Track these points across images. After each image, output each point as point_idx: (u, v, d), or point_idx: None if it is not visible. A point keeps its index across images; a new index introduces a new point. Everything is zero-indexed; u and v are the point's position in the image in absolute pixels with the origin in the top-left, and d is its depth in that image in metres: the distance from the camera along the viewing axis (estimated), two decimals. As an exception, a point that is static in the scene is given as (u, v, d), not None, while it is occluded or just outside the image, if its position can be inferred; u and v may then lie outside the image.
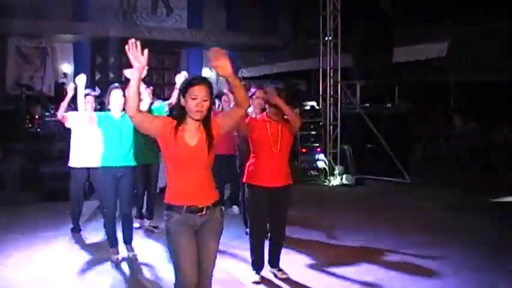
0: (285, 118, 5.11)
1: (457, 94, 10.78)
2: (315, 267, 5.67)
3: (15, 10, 13.87)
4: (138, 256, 5.91)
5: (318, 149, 11.62)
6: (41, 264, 5.79)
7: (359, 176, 11.06)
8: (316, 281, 5.24)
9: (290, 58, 16.53)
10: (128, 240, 5.99)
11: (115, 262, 5.76)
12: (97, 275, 5.47)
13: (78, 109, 6.19)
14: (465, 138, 12.74)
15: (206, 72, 19.14)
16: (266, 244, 5.29)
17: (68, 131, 6.87)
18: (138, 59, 3.23)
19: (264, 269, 5.31)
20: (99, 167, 5.79)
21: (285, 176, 5.14)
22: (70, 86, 6.52)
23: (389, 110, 11.88)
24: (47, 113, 12.31)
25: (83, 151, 6.57)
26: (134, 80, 3.29)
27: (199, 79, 3.44)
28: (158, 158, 6.76)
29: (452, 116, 11.62)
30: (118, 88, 5.78)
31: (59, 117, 6.59)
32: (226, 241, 6.40)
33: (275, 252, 5.35)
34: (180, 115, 3.43)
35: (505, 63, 11.62)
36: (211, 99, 3.41)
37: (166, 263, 5.28)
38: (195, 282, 3.41)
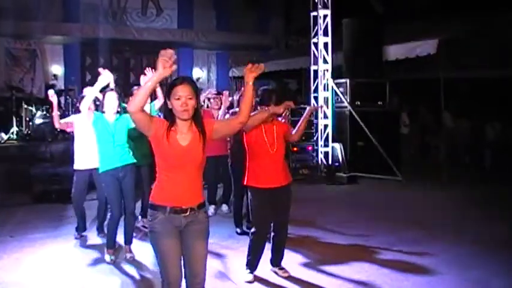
0: (280, 120, 5.14)
1: (447, 92, 10.79)
2: (308, 265, 5.66)
3: (4, 11, 13.82)
4: (136, 257, 5.86)
5: (309, 148, 11.63)
6: (31, 266, 5.74)
7: (351, 174, 11.07)
8: (309, 279, 5.23)
9: (281, 57, 16.52)
10: (129, 240, 5.96)
11: (110, 263, 5.73)
12: (89, 277, 5.43)
13: (79, 111, 6.22)
14: (456, 135, 12.77)
15: (197, 72, 19.17)
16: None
17: (60, 132, 6.81)
18: (168, 67, 3.17)
19: (263, 267, 5.30)
20: (100, 172, 5.76)
21: (285, 176, 5.15)
22: (50, 94, 6.51)
23: (380, 108, 11.89)
24: (38, 115, 12.23)
25: (86, 153, 6.51)
26: (152, 83, 3.23)
27: (181, 79, 3.42)
28: (149, 160, 6.71)
29: (442, 114, 11.63)
30: (112, 91, 5.75)
31: (57, 126, 6.55)
32: (217, 241, 6.43)
33: (279, 251, 5.35)
34: (170, 118, 3.41)
35: (495, 61, 11.67)
36: (197, 97, 3.39)
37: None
38: (180, 280, 3.43)
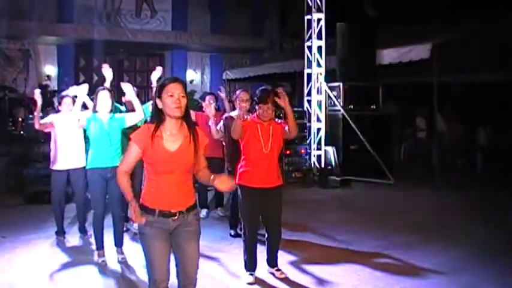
0: (277, 121, 5.18)
1: (441, 95, 10.85)
2: (301, 267, 5.68)
3: (-3, 11, 13.77)
4: (128, 259, 5.86)
5: (302, 151, 11.66)
6: (23, 267, 5.73)
7: (343, 178, 11.10)
8: (302, 281, 5.25)
9: (275, 60, 16.54)
10: (119, 243, 5.95)
11: (100, 264, 5.73)
12: (81, 278, 5.42)
13: (59, 110, 6.39)
14: (448, 138, 12.83)
15: (190, 74, 19.16)
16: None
17: (48, 134, 6.81)
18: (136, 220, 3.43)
19: (259, 269, 5.32)
20: (79, 168, 5.78)
21: (276, 177, 5.17)
22: (36, 93, 6.52)
23: (373, 112, 11.93)
24: (31, 116, 12.20)
25: (63, 153, 6.52)
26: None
27: (172, 78, 3.44)
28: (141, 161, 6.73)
29: (435, 117, 11.69)
30: (105, 90, 5.77)
31: (37, 127, 6.55)
32: (210, 243, 6.42)
33: (273, 251, 5.38)
34: (158, 118, 3.40)
35: (488, 64, 11.73)
36: (188, 98, 3.41)
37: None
38: (166, 280, 3.47)
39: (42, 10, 15.46)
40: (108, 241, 5.96)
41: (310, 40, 11.99)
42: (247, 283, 5.16)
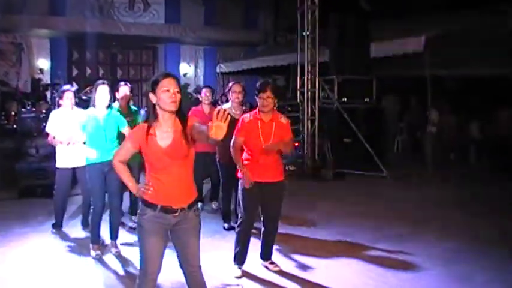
0: (281, 116, 5.18)
1: (434, 88, 10.87)
2: (295, 260, 5.70)
3: (-12, 5, 13.67)
4: (122, 252, 5.86)
5: (296, 144, 11.65)
6: (17, 261, 5.72)
7: (337, 170, 11.11)
8: (296, 273, 5.27)
9: (268, 53, 16.52)
10: (114, 236, 5.95)
11: (95, 258, 5.72)
12: (75, 272, 5.41)
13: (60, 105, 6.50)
14: (442, 131, 12.85)
15: (184, 67, 19.13)
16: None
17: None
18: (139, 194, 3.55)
19: (253, 262, 5.33)
20: (85, 165, 5.76)
21: (276, 173, 5.16)
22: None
23: (367, 105, 11.94)
24: (24, 109, 12.15)
25: (69, 152, 6.48)
26: (125, 182, 3.65)
27: (166, 73, 3.48)
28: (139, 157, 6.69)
29: (429, 110, 11.72)
30: (104, 84, 5.72)
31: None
32: (202, 237, 6.39)
33: (268, 245, 5.40)
34: (153, 115, 3.44)
35: (482, 58, 11.76)
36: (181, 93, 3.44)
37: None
38: (157, 273, 3.54)
39: (34, 3, 15.37)
40: (105, 236, 5.97)
41: (303, 33, 11.96)
42: (235, 277, 5.17)
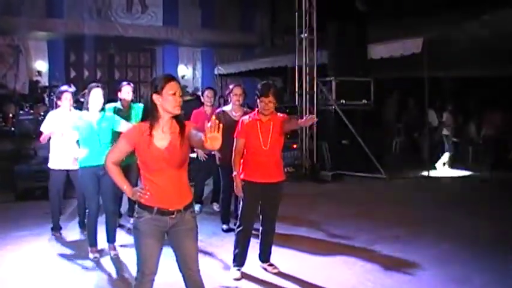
0: (278, 114, 5.18)
1: (432, 90, 10.91)
2: (294, 261, 5.70)
3: (-14, 7, 13.66)
4: (120, 255, 5.84)
5: (294, 146, 11.66)
6: (14, 264, 5.71)
7: (335, 172, 11.12)
8: (295, 275, 5.27)
9: (266, 55, 16.52)
10: (112, 239, 5.94)
11: (93, 261, 5.72)
12: (73, 275, 5.41)
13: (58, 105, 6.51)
14: (440, 132, 12.86)
15: (182, 69, 19.13)
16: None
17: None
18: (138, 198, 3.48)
19: (252, 264, 5.34)
20: (78, 168, 5.76)
21: (277, 173, 5.17)
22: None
23: (365, 106, 11.94)
24: (21, 112, 12.14)
25: (63, 153, 6.47)
26: (119, 186, 3.57)
27: (170, 77, 3.47)
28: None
29: (426, 111, 11.74)
30: (98, 87, 5.72)
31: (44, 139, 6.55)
32: (201, 238, 6.37)
33: (267, 246, 5.41)
34: (153, 115, 3.40)
35: (479, 60, 11.80)
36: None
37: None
38: (153, 275, 3.53)
39: (32, 5, 15.34)
40: (101, 237, 5.96)
41: (301, 35, 11.98)
42: (234, 279, 5.16)
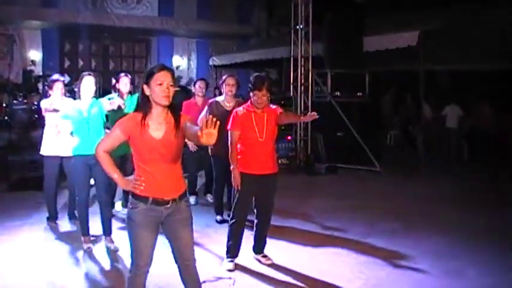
0: (271, 106, 5.19)
1: (427, 83, 10.92)
2: (288, 253, 5.71)
3: (-21, -4, 13.54)
4: (116, 245, 5.82)
5: (289, 137, 11.65)
6: (8, 254, 5.70)
7: (330, 164, 11.13)
8: (289, 266, 5.28)
9: (262, 46, 16.49)
10: (108, 231, 5.90)
11: (87, 251, 5.71)
12: (66, 265, 5.41)
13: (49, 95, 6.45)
14: (435, 126, 12.88)
15: (177, 59, 19.06)
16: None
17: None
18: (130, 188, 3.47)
19: (245, 255, 5.35)
20: (71, 156, 5.75)
21: (272, 164, 5.19)
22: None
23: (360, 99, 11.94)
24: (15, 101, 12.07)
25: (56, 140, 6.46)
26: (110, 175, 3.52)
27: (161, 66, 3.45)
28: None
29: (422, 105, 11.76)
30: (90, 75, 5.71)
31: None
32: (196, 230, 6.37)
33: (261, 238, 5.43)
34: (145, 105, 3.40)
35: (475, 53, 11.80)
36: (174, 86, 3.42)
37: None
38: (148, 266, 3.52)
39: (26, -6, 15.23)
40: (96, 228, 5.96)
41: (297, 26, 11.95)
42: (227, 270, 5.17)
